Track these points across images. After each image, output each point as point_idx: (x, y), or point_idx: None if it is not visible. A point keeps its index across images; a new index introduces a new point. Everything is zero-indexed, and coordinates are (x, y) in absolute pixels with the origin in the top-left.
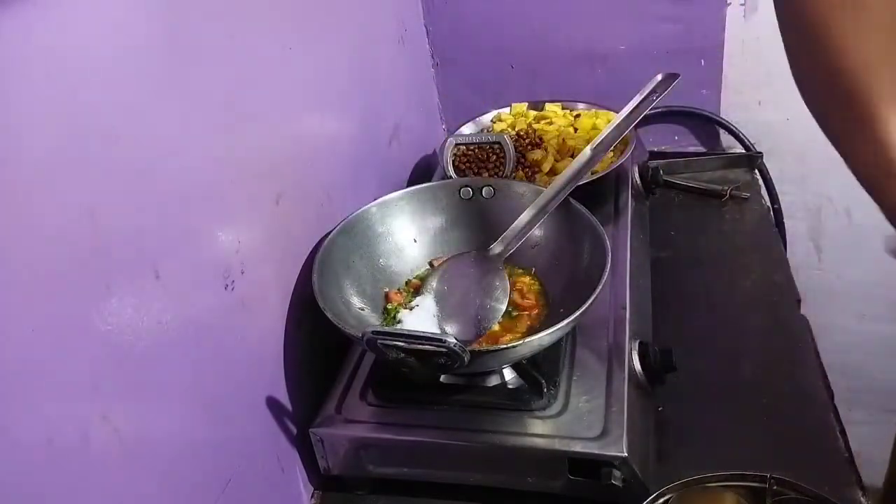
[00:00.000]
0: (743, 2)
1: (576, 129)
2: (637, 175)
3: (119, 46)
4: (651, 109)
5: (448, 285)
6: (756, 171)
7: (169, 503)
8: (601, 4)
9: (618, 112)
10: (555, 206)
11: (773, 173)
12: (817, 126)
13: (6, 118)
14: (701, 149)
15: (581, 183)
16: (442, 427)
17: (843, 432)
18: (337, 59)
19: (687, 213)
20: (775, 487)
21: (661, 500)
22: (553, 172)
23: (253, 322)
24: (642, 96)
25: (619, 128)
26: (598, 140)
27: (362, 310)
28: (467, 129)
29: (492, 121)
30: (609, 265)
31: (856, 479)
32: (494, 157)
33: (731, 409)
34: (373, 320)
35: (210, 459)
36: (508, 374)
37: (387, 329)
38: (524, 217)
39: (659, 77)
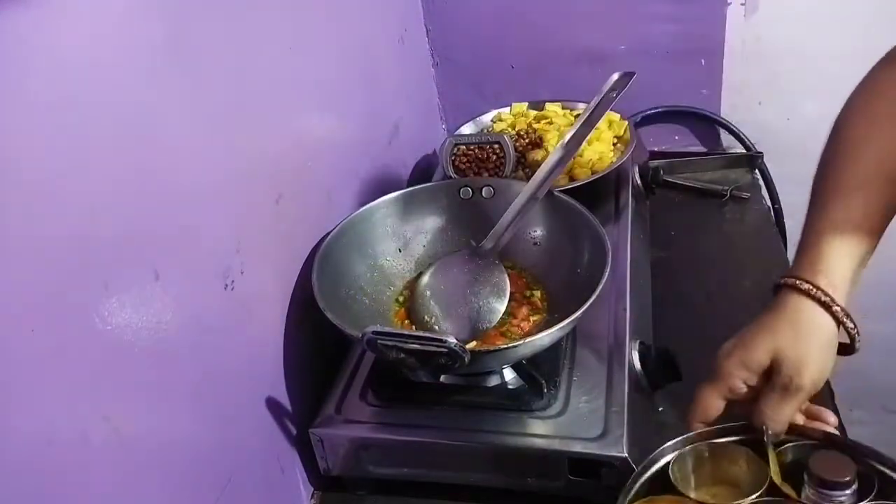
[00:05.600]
0: (743, 2)
1: None
2: (637, 175)
3: (120, 46)
4: (651, 109)
5: (444, 284)
6: (756, 171)
7: (169, 503)
8: (601, 4)
9: (617, 112)
10: (534, 204)
11: (773, 173)
12: (817, 126)
13: (6, 118)
14: (701, 149)
15: (579, 183)
16: (442, 427)
17: (842, 432)
18: (337, 59)
19: (687, 213)
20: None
21: (664, 460)
22: None
23: (253, 322)
24: (601, 96)
25: (587, 124)
26: (567, 136)
27: (362, 310)
28: (467, 129)
29: (492, 121)
30: (609, 265)
31: None
32: (494, 157)
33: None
34: (373, 320)
35: (210, 459)
36: (508, 375)
37: (387, 329)
38: (508, 214)
39: (615, 76)
